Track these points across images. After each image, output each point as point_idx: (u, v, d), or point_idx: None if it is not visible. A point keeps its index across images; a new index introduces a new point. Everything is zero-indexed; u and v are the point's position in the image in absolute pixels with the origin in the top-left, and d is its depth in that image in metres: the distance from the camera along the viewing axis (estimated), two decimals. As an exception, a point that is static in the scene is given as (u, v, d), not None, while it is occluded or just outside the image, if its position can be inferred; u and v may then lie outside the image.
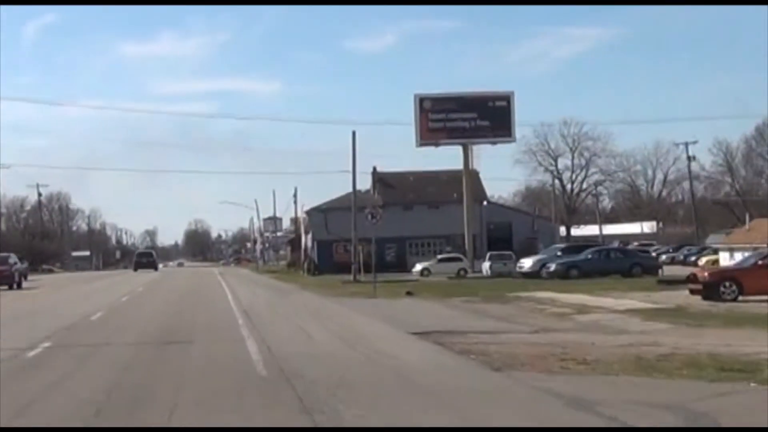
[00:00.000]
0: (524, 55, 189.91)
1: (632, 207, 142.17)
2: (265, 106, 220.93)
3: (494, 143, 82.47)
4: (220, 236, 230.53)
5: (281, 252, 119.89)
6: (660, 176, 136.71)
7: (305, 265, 79.50)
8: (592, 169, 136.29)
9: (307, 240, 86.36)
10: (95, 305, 32.96)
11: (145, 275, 74.67)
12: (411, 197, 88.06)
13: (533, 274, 55.27)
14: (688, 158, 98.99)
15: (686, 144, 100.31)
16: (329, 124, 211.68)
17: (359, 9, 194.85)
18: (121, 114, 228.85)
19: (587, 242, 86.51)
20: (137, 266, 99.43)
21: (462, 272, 74.40)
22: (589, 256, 52.49)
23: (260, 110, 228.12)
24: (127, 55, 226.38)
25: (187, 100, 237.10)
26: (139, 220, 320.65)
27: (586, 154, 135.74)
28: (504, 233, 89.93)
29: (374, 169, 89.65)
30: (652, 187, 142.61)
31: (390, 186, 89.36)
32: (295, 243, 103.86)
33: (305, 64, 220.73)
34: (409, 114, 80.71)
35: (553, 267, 51.78)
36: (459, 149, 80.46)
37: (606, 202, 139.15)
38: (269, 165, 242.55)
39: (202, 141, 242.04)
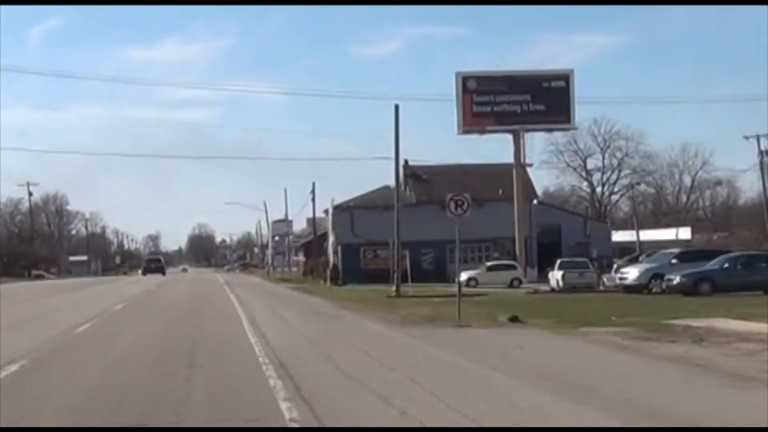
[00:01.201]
0: (531, 60, 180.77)
1: (657, 212, 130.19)
2: (270, 112, 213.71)
3: (550, 131, 69.17)
4: (224, 241, 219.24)
5: (293, 258, 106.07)
6: (687, 180, 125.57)
7: (328, 273, 65.89)
8: (625, 171, 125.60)
9: (328, 244, 72.84)
10: (15, 346, 19.17)
11: (137, 285, 60.81)
12: (449, 193, 74.13)
13: (637, 288, 41.82)
14: (761, 153, 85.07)
15: (758, 137, 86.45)
16: (335, 129, 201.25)
17: (363, 14, 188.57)
18: (125, 119, 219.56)
19: (651, 247, 73.13)
20: (146, 271, 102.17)
21: (516, 282, 61.44)
22: (726, 265, 38.75)
23: (265, 116, 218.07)
24: (131, 60, 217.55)
25: (192, 106, 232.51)
26: (142, 224, 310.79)
27: (618, 154, 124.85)
28: (552, 237, 76.46)
29: (405, 162, 75.90)
30: (679, 191, 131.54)
31: (424, 181, 75.77)
32: (309, 247, 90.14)
33: (310, 69, 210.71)
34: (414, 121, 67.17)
35: (676, 279, 38.05)
36: (506, 139, 67.27)
37: (623, 207, 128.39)
38: (275, 170, 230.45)
39: (206, 146, 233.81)
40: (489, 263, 64.59)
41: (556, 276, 52.91)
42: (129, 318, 27.62)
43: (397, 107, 48.02)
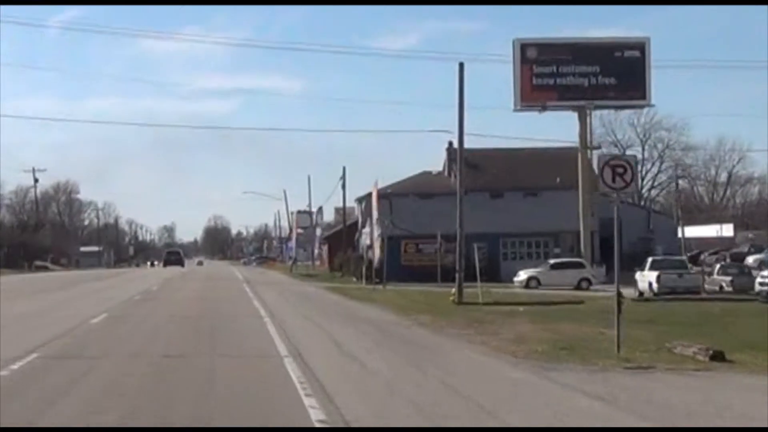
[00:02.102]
0: None
1: (692, 208, 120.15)
2: (288, 104, 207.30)
3: (621, 108, 58.74)
4: (240, 233, 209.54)
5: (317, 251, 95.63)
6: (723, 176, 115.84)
7: (363, 270, 55.78)
8: (667, 163, 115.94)
9: (361, 236, 62.64)
10: None
11: (140, 282, 50.43)
12: (501, 181, 64.08)
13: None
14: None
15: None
16: (354, 121, 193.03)
17: (382, 9, 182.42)
18: (143, 110, 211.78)
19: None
20: (166, 263, 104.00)
21: (584, 284, 51.48)
22: None
23: (282, 107, 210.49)
24: (149, 51, 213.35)
25: (210, 97, 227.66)
26: (157, 215, 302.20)
27: (660, 146, 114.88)
28: (610, 231, 65.80)
29: (450, 144, 65.71)
30: (714, 187, 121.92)
31: (472, 166, 65.37)
32: (335, 240, 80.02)
33: (328, 62, 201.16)
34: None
35: None
36: (563, 118, 57.32)
37: (659, 201, 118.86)
38: (293, 161, 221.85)
39: (224, 137, 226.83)
40: (552, 261, 54.49)
41: (647, 278, 42.65)
42: (100, 348, 17.46)
43: (461, 65, 37.87)
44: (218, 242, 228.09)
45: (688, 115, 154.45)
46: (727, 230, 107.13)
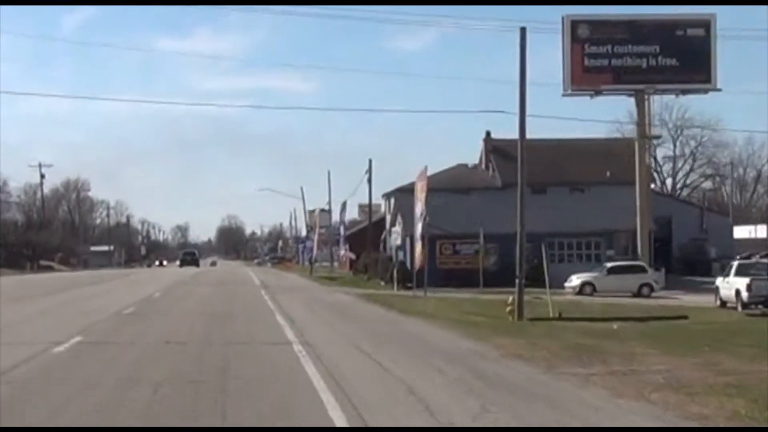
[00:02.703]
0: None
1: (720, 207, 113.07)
2: (304, 104, 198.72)
3: (684, 92, 51.49)
4: (254, 233, 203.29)
5: (339, 251, 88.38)
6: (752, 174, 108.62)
7: (394, 274, 48.89)
8: (700, 161, 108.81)
9: (393, 236, 55.66)
10: None
11: (143, 287, 43.41)
12: (544, 175, 56.97)
13: None
14: None
15: None
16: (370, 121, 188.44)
17: (399, 9, 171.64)
18: (157, 109, 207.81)
19: None
20: (182, 263, 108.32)
21: (645, 290, 44.63)
22: None
23: (298, 108, 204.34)
24: (164, 50, 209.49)
25: (224, 97, 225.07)
26: (171, 214, 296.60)
27: (692, 143, 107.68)
28: (661, 232, 59.02)
29: (488, 134, 58.74)
30: (742, 185, 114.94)
31: (511, 158, 58.29)
32: (358, 240, 73.07)
33: (344, 62, 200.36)
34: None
35: None
36: (611, 105, 50.40)
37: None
38: (308, 160, 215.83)
39: (238, 137, 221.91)
40: (609, 264, 47.48)
41: (734, 285, 35.53)
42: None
43: (523, 30, 30.82)
44: (232, 242, 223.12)
45: (719, 110, 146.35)
46: (761, 231, 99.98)
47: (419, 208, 36.53)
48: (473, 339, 19.48)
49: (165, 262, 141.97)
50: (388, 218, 61.06)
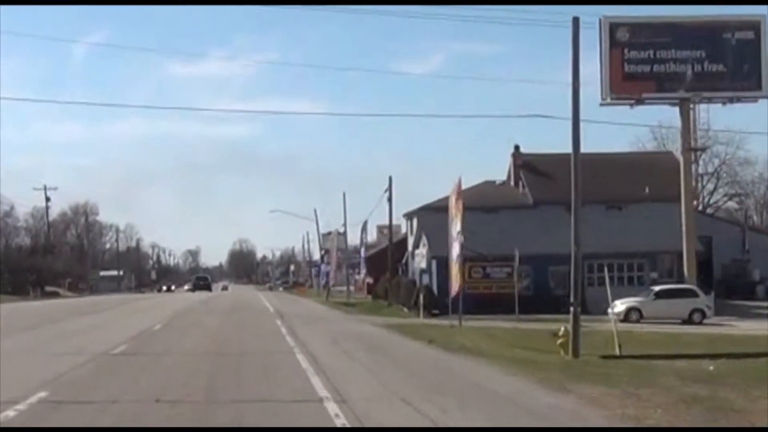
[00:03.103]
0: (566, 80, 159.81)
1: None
2: (313, 127, 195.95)
3: (732, 101, 46.95)
4: (265, 257, 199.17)
5: (358, 274, 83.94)
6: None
7: (417, 299, 44.38)
8: (724, 179, 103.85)
9: (416, 258, 51.07)
10: None
11: (144, 315, 38.95)
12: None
13: None
14: None
15: None
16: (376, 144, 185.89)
17: (406, 31, 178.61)
18: (168, 133, 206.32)
19: None
20: (195, 288, 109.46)
21: (696, 316, 40.15)
22: None
23: (308, 131, 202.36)
24: (174, 75, 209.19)
25: (235, 121, 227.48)
26: (182, 239, 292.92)
27: (716, 161, 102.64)
28: (701, 253, 54.24)
29: (516, 149, 54.35)
30: (763, 205, 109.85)
31: (543, 175, 54.02)
32: (375, 263, 68.58)
33: (352, 85, 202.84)
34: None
35: None
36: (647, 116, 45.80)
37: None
38: (319, 185, 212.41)
39: (249, 160, 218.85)
40: (656, 288, 42.90)
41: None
42: None
43: (576, 20, 26.34)
44: (243, 266, 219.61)
45: (743, 126, 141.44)
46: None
47: (456, 225, 31.96)
48: (547, 387, 15.02)
49: (173, 287, 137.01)
50: (411, 240, 56.55)
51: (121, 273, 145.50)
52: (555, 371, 18.11)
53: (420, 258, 49.68)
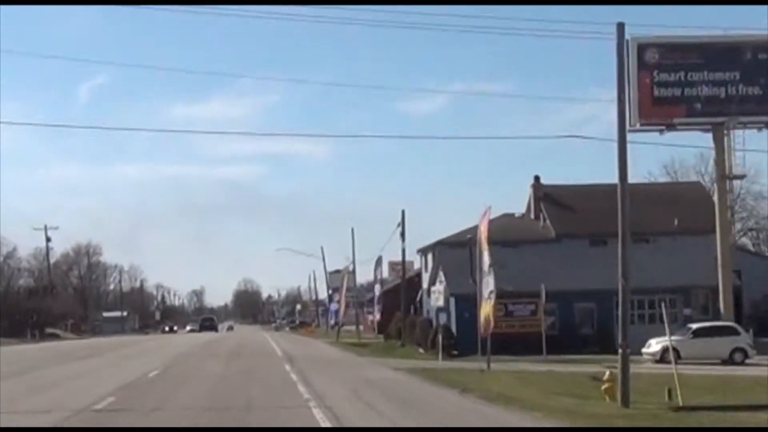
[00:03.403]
0: (571, 118, 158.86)
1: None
2: (317, 168, 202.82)
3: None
4: (270, 297, 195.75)
5: (368, 313, 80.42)
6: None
7: (435, 339, 41.00)
8: (739, 213, 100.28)
9: (432, 296, 47.66)
10: None
11: (140, 362, 35.18)
12: (602, 224, 49.06)
13: None
14: None
15: None
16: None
17: (410, 71, 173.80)
18: (171, 175, 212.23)
19: None
20: (202, 328, 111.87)
21: (738, 356, 36.73)
22: None
23: (311, 172, 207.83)
24: (177, 116, 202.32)
25: (238, 162, 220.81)
26: (186, 279, 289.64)
27: (730, 195, 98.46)
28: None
29: (536, 180, 51.12)
30: None
31: (565, 207, 50.82)
32: (385, 301, 65.03)
33: (355, 125, 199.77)
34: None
35: None
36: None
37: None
38: (324, 224, 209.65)
39: (253, 201, 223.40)
40: (694, 325, 39.50)
41: None
42: None
43: (621, 26, 23.16)
44: (248, 306, 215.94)
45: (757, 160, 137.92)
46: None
47: (485, 257, 28.64)
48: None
49: (175, 328, 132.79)
50: (425, 276, 53.21)
51: (125, 314, 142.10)
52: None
53: (437, 295, 46.37)
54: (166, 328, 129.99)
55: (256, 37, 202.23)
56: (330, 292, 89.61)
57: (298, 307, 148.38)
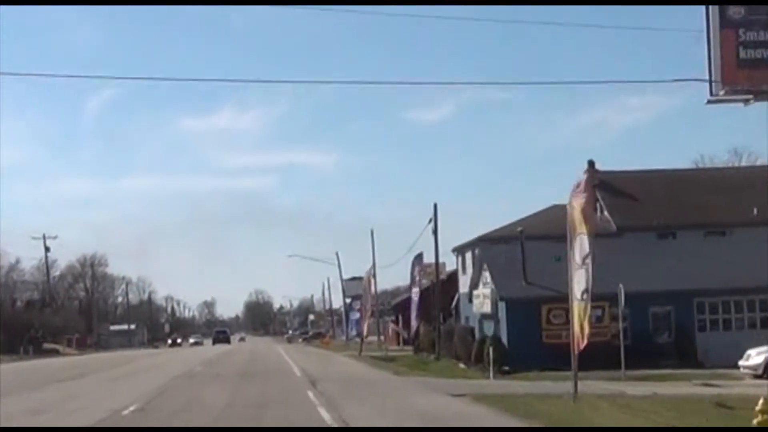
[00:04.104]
0: (580, 125, 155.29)
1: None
2: (327, 177, 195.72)
3: None
4: (282, 307, 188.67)
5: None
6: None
7: (485, 352, 33.50)
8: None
9: (475, 300, 39.93)
10: None
11: (130, 385, 27.94)
12: (669, 215, 41.96)
13: None
14: None
15: None
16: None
17: (417, 80, 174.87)
18: (181, 187, 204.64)
19: None
20: (215, 341, 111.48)
21: None
22: None
23: (322, 181, 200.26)
24: (186, 129, 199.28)
25: (248, 173, 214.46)
26: (197, 290, 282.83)
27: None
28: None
29: (591, 165, 43.43)
30: None
31: (625, 196, 43.28)
32: (405, 308, 57.46)
33: (363, 135, 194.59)
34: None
35: None
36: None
37: None
38: (334, 234, 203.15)
39: (263, 212, 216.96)
40: (802, 333, 31.89)
41: None
42: None
43: None
44: (260, 317, 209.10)
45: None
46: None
47: (581, 243, 21.19)
48: None
49: (179, 340, 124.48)
50: (462, 279, 45.71)
51: (133, 327, 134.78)
52: None
53: (481, 300, 38.81)
54: (169, 341, 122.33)
55: (263, 46, 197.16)
56: (349, 300, 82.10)
57: (311, 317, 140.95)
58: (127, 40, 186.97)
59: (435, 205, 44.87)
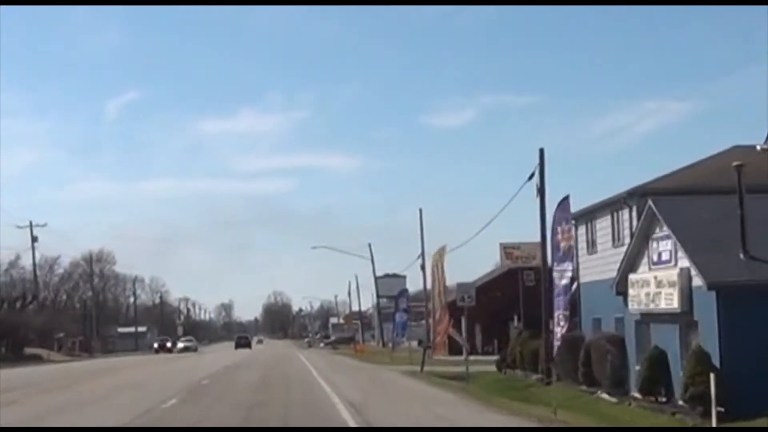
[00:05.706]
0: (603, 129, 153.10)
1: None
2: (346, 182, 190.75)
3: None
4: (301, 310, 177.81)
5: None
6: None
7: (693, 380, 17.28)
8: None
9: (630, 289, 22.98)
10: None
11: (116, 401, 13.12)
12: None
13: None
14: None
15: None
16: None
17: (439, 85, 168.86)
18: (200, 190, 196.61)
19: None
20: (237, 346, 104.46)
21: None
22: None
23: (342, 184, 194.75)
24: (205, 132, 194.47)
25: (267, 177, 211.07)
26: (214, 293, 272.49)
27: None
28: None
29: None
30: None
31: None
32: (484, 302, 40.75)
33: (385, 140, 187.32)
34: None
35: None
36: None
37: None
38: (354, 238, 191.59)
39: (283, 215, 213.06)
40: None
41: None
42: None
43: None
44: (279, 319, 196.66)
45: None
46: None
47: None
48: None
49: (168, 344, 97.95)
50: (587, 260, 29.03)
51: (143, 329, 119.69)
52: None
53: (652, 290, 21.92)
54: (156, 346, 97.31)
55: (284, 51, 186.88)
56: (383, 300, 66.04)
57: (336, 320, 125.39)
58: (148, 45, 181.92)
59: (541, 150, 28.68)
